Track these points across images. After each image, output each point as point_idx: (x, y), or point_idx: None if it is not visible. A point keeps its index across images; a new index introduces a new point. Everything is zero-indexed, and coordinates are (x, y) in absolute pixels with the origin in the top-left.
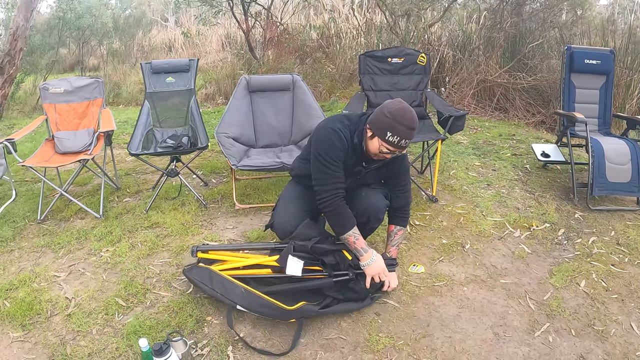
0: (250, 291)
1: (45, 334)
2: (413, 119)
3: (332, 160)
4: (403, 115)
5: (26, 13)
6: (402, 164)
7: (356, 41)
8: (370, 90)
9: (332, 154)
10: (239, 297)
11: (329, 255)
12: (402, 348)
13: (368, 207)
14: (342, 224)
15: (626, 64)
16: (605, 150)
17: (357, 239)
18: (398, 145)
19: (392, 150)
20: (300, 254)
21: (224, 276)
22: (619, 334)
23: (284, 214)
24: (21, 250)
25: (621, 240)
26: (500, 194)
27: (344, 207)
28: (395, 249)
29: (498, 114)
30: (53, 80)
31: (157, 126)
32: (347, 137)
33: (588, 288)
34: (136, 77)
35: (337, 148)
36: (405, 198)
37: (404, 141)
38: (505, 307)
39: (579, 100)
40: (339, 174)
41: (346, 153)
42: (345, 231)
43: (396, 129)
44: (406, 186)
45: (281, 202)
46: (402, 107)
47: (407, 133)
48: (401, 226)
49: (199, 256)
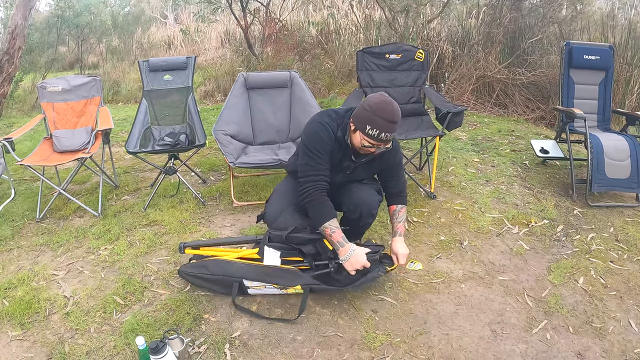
0: (250, 264)
1: (43, 332)
2: (393, 112)
3: (318, 153)
4: (382, 108)
5: (25, 11)
6: (393, 158)
7: (355, 37)
8: (368, 86)
9: (319, 146)
10: (240, 271)
11: (308, 245)
12: (398, 345)
13: (359, 202)
14: (320, 215)
15: (626, 59)
16: (604, 146)
17: (334, 232)
18: (378, 139)
19: (374, 144)
20: (276, 244)
21: (220, 258)
22: (617, 331)
23: (276, 205)
24: (20, 249)
25: (620, 236)
26: (499, 190)
27: (324, 199)
28: (401, 225)
29: (497, 109)
30: (51, 79)
31: (155, 124)
32: (333, 130)
33: (586, 285)
34: (135, 74)
35: (324, 141)
36: (400, 184)
37: (384, 134)
38: (503, 304)
39: (578, 96)
40: (323, 167)
41: (332, 147)
42: (323, 222)
43: (375, 122)
44: (400, 173)
45: (274, 194)
46: (382, 100)
47: (386, 126)
48: (402, 204)
49: (187, 252)
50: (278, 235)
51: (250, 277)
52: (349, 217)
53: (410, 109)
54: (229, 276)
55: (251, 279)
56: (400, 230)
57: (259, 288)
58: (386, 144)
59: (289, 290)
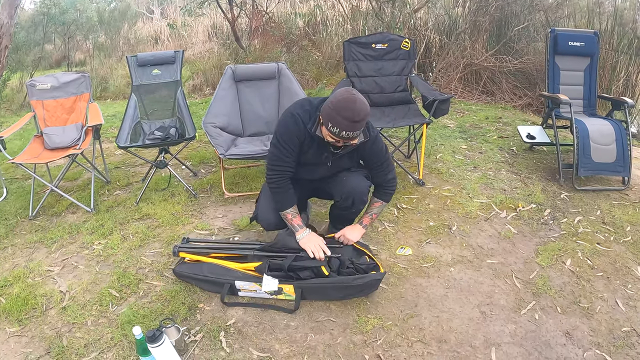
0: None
1: (41, 327)
2: (355, 111)
3: (285, 144)
4: (344, 107)
5: (10, 10)
6: (370, 148)
7: (342, 28)
8: (355, 76)
9: (286, 138)
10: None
11: (306, 271)
12: (390, 328)
13: (350, 191)
14: (283, 201)
15: (612, 45)
16: (589, 131)
17: (294, 217)
18: (340, 136)
19: (337, 140)
20: (276, 272)
21: (214, 263)
22: (604, 311)
23: (267, 206)
24: (14, 247)
25: (607, 219)
26: (487, 176)
27: (287, 187)
28: (368, 217)
29: (485, 97)
30: (40, 76)
31: (144, 118)
32: (305, 122)
33: (574, 266)
34: (123, 70)
35: (292, 133)
36: (384, 174)
37: (344, 133)
38: (492, 286)
39: (564, 82)
40: (289, 159)
41: (303, 138)
42: (285, 208)
43: (335, 120)
44: (384, 164)
45: (263, 194)
46: (345, 97)
47: (346, 125)
48: (381, 200)
49: (181, 256)
50: (279, 265)
51: (244, 279)
52: (341, 205)
53: (397, 97)
54: (222, 278)
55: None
56: (364, 221)
57: (250, 291)
58: (351, 141)
59: (280, 297)
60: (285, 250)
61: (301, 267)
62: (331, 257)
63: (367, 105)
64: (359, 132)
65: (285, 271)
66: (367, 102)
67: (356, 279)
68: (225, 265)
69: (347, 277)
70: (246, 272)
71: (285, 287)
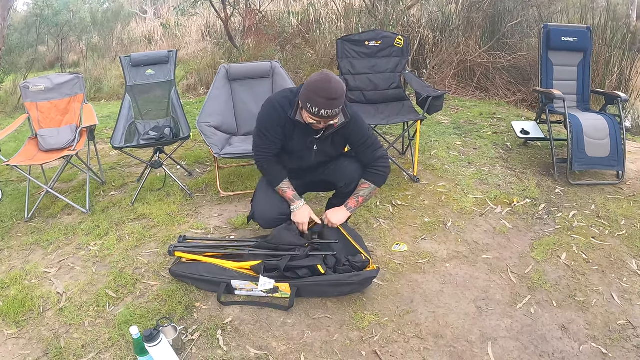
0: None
1: (38, 329)
2: (330, 90)
3: (267, 130)
4: (320, 87)
5: (3, 12)
6: (353, 127)
7: (336, 26)
8: (349, 74)
9: (268, 124)
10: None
11: (303, 270)
12: (387, 324)
13: (355, 175)
14: (274, 178)
15: (606, 40)
16: (583, 125)
17: (286, 191)
18: (319, 115)
19: (318, 120)
20: (272, 273)
21: (210, 262)
22: (600, 304)
23: (264, 203)
24: (11, 249)
25: (601, 213)
26: (482, 172)
27: (273, 164)
28: (354, 199)
29: (479, 93)
30: (33, 78)
31: (139, 119)
32: (285, 109)
33: (569, 260)
34: (117, 71)
35: (273, 119)
36: (371, 152)
37: (323, 111)
38: (488, 281)
39: (557, 77)
40: (273, 144)
41: (283, 124)
42: (277, 184)
43: (314, 100)
44: (368, 141)
45: (259, 192)
46: (321, 78)
47: (324, 103)
48: (369, 181)
49: (177, 255)
50: (275, 265)
51: (240, 279)
52: (343, 191)
53: (391, 94)
54: (218, 277)
55: (240, 279)
56: (350, 203)
57: (247, 290)
58: (331, 120)
59: (276, 295)
60: (280, 245)
61: (298, 267)
62: (326, 254)
63: (342, 85)
64: (338, 110)
65: (281, 271)
66: (342, 82)
67: (352, 277)
68: (221, 265)
69: (343, 275)
70: (242, 272)
71: (281, 286)
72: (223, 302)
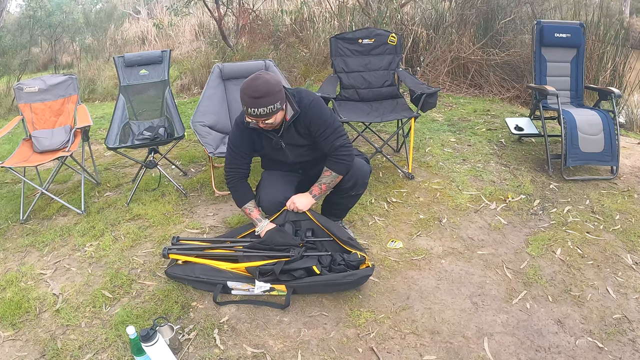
0: (238, 274)
1: (35, 330)
2: (255, 88)
3: (236, 148)
4: (246, 85)
5: None
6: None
7: (329, 24)
8: (343, 72)
9: (237, 143)
10: (225, 275)
11: (298, 271)
12: (383, 321)
13: (355, 171)
14: (240, 198)
15: (599, 36)
16: (577, 121)
17: (252, 211)
18: (250, 114)
19: (253, 119)
20: (267, 277)
21: (205, 264)
22: (595, 299)
23: (270, 187)
24: (6, 251)
25: (596, 208)
26: (476, 168)
27: (241, 185)
28: (317, 187)
29: (473, 90)
30: (27, 79)
31: (133, 119)
32: (243, 120)
33: (564, 255)
34: (110, 72)
35: (237, 138)
36: (331, 141)
37: (250, 109)
38: (483, 277)
39: (551, 73)
40: (241, 160)
41: (250, 135)
42: (243, 204)
43: (244, 100)
44: (327, 130)
45: (265, 177)
46: (250, 78)
47: (250, 102)
48: (331, 169)
49: (172, 257)
50: (270, 270)
51: (235, 280)
52: (342, 186)
53: (385, 92)
54: (214, 279)
55: (236, 280)
56: (314, 191)
57: (243, 290)
58: (266, 118)
59: (273, 293)
60: (274, 247)
61: (293, 269)
62: (321, 255)
63: (272, 84)
64: (267, 108)
65: (276, 276)
66: (278, 80)
67: (347, 276)
68: (216, 266)
69: (338, 275)
70: (238, 273)
71: (277, 287)
72: (219, 302)
